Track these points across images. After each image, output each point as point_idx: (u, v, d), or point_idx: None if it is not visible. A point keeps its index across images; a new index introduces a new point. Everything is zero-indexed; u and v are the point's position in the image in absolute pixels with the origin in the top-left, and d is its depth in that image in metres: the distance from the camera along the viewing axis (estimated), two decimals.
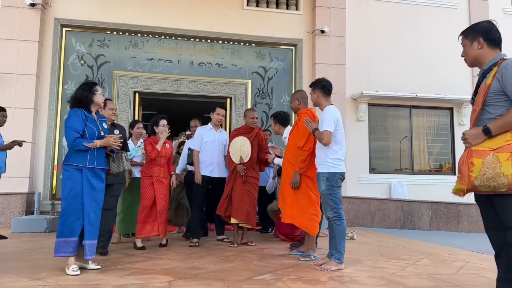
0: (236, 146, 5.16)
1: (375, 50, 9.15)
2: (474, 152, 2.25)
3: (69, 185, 3.44)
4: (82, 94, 3.61)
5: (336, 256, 3.70)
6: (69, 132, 3.48)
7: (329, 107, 3.95)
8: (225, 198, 5.13)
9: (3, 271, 3.45)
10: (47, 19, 7.85)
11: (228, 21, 8.55)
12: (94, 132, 3.60)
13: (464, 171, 2.26)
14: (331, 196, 3.77)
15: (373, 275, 3.45)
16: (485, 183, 2.17)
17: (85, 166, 3.49)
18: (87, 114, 3.62)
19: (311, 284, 3.09)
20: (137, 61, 8.24)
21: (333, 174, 3.79)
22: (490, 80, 2.30)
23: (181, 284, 3.05)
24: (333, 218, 3.76)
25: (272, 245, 5.24)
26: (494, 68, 2.31)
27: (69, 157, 3.52)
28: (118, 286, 2.98)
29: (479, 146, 2.25)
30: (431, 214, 8.49)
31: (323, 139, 3.79)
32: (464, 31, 2.55)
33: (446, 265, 4.03)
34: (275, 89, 8.81)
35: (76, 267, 3.36)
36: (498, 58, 2.35)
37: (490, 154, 2.18)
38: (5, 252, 4.48)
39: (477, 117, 2.35)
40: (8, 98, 7.24)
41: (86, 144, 3.47)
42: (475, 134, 2.28)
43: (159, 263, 3.88)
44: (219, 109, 5.40)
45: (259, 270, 3.61)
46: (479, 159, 2.20)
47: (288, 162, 4.48)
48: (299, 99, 4.63)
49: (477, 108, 2.34)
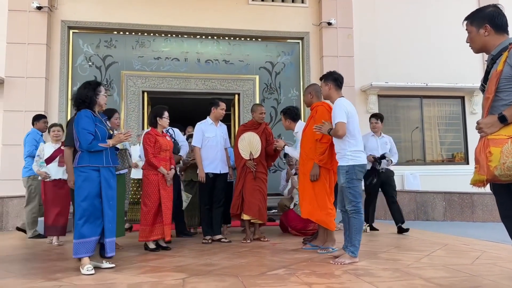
0: (244, 142, 5.14)
1: (383, 40, 9.05)
2: (491, 141, 2.18)
3: (88, 186, 3.45)
4: (87, 94, 3.59)
5: (351, 250, 3.67)
6: (83, 134, 3.47)
7: (340, 99, 3.92)
8: (238, 196, 5.12)
9: (19, 272, 3.50)
10: (54, 21, 7.90)
11: (233, 16, 8.52)
12: (105, 132, 3.61)
13: (482, 161, 2.19)
14: (350, 190, 3.74)
15: (387, 267, 3.41)
16: (506, 172, 2.09)
17: (103, 166, 3.51)
18: (95, 115, 3.63)
19: (326, 278, 3.07)
20: (145, 60, 8.26)
21: (353, 167, 3.75)
22: (502, 66, 2.23)
23: (195, 281, 3.05)
24: (351, 211, 3.73)
25: (284, 240, 5.22)
26: (504, 53, 2.25)
27: (83, 158, 3.50)
28: (132, 284, 2.99)
29: (496, 135, 2.18)
30: (445, 204, 8.39)
31: (338, 131, 3.76)
32: (469, 17, 2.47)
33: (462, 255, 3.97)
34: (283, 83, 8.77)
35: (90, 267, 3.38)
36: (507, 43, 2.28)
37: (509, 142, 2.12)
38: (21, 254, 4.54)
39: (490, 104, 2.29)
40: (18, 102, 7.34)
41: (102, 145, 3.49)
42: (490, 122, 2.21)
43: (173, 261, 3.88)
44: (222, 104, 5.28)
45: (273, 265, 3.60)
46: (497, 148, 2.14)
47: (306, 156, 4.45)
48: (311, 92, 4.61)
49: (490, 95, 2.28)
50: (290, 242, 5.00)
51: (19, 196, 6.93)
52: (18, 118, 7.24)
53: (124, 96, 8.06)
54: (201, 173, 5.07)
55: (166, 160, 4.65)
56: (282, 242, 5.05)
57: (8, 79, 7.42)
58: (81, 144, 3.49)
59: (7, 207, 7.06)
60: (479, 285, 2.81)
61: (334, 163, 4.27)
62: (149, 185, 4.53)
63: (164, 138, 4.70)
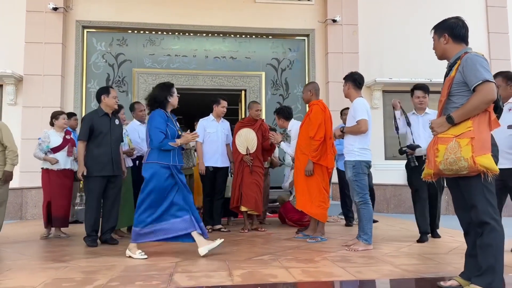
0: (241, 138, 5.41)
1: (388, 36, 9.17)
2: (439, 139, 2.45)
3: (156, 180, 3.66)
4: (162, 95, 3.82)
5: (364, 238, 3.99)
6: (156, 132, 3.69)
7: (359, 99, 4.20)
8: (237, 189, 5.36)
9: (32, 256, 3.91)
10: (69, 21, 8.30)
11: (240, 14, 8.77)
12: (175, 132, 3.84)
13: (430, 156, 2.47)
14: (357, 182, 4.08)
15: (365, 255, 3.68)
16: (448, 167, 2.37)
17: (171, 164, 3.74)
18: (167, 115, 3.86)
19: (304, 263, 3.36)
20: (155, 58, 8.60)
21: (359, 162, 4.09)
22: (454, 72, 2.49)
23: (186, 264, 3.39)
24: (359, 202, 4.07)
25: (280, 230, 5.52)
26: (458, 61, 2.49)
27: (153, 155, 3.73)
28: (129, 266, 3.35)
29: (444, 134, 2.45)
30: (447, 198, 8.51)
31: (361, 127, 4.04)
32: (434, 27, 2.73)
33: (442, 246, 4.19)
34: (289, 80, 9.00)
35: (142, 252, 3.69)
36: (462, 52, 2.52)
37: (453, 140, 2.38)
38: (36, 240, 4.97)
39: (443, 106, 2.54)
40: (36, 99, 7.78)
41: (171, 144, 3.75)
42: (440, 122, 2.48)
43: (172, 247, 4.22)
44: (223, 102, 5.56)
45: (261, 251, 3.90)
46: (443, 145, 2.41)
47: (300, 152, 4.74)
48: (311, 90, 4.88)
49: (442, 98, 2.54)
50: (285, 232, 5.29)
51: (37, 187, 7.39)
52: (36, 113, 7.69)
53: (136, 93, 8.43)
54: (201, 166, 5.39)
55: None
56: (278, 232, 5.34)
57: (26, 76, 7.87)
58: (152, 141, 3.71)
59: (26, 198, 7.54)
60: (442, 271, 3.07)
61: (328, 159, 4.57)
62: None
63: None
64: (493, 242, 2.33)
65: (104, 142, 4.46)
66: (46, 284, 2.81)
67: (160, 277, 2.94)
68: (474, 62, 2.38)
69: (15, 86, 7.90)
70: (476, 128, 2.35)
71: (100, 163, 4.40)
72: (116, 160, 4.54)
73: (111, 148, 4.49)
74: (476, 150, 2.29)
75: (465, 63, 2.42)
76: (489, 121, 2.38)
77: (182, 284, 2.77)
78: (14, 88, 7.90)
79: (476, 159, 2.28)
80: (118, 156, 4.60)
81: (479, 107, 2.35)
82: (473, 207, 2.41)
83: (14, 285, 2.79)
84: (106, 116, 4.55)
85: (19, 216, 7.46)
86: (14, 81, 7.83)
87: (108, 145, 4.47)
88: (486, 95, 2.32)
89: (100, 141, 4.45)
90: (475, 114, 2.37)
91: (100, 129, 4.45)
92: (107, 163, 4.43)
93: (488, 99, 2.33)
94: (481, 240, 2.37)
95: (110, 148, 4.48)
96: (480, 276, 2.34)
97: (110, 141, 4.50)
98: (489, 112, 2.38)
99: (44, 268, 3.30)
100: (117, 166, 4.55)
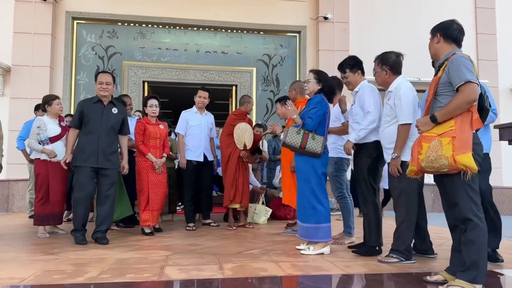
0: (239, 132, 5.19)
1: (379, 35, 9.24)
2: (423, 138, 2.53)
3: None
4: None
5: (347, 231, 4.16)
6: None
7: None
8: (232, 186, 5.13)
9: (21, 248, 3.89)
10: (58, 12, 8.20)
11: (233, 9, 8.75)
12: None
13: (414, 154, 2.55)
14: (337, 178, 4.25)
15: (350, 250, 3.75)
16: (430, 164, 2.44)
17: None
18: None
19: (293, 257, 3.41)
20: (146, 51, 8.55)
21: (341, 159, 4.25)
22: (441, 73, 2.56)
23: (177, 257, 3.41)
24: (338, 197, 4.22)
25: (270, 225, 5.56)
26: (445, 62, 2.55)
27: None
28: (120, 259, 3.35)
29: (428, 133, 2.53)
30: (433, 196, 8.69)
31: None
32: (432, 28, 2.78)
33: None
34: (280, 76, 9.03)
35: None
36: (450, 53, 2.58)
37: (436, 139, 2.45)
38: (23, 232, 4.96)
39: (429, 106, 2.61)
40: (24, 90, 7.68)
41: None
42: (424, 121, 2.57)
43: (162, 241, 4.24)
44: (201, 92, 5.37)
45: (251, 246, 3.94)
46: (426, 143, 2.48)
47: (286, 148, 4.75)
48: (296, 89, 4.92)
49: (429, 98, 2.62)
50: (275, 227, 5.33)
51: (24, 179, 7.32)
52: (24, 105, 7.59)
53: (126, 86, 8.38)
54: (182, 159, 5.19)
55: (157, 147, 4.75)
56: (267, 227, 5.39)
57: (14, 67, 7.76)
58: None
59: (13, 190, 7.46)
60: (425, 266, 3.16)
61: None
62: (142, 171, 4.66)
63: (155, 127, 4.78)
64: (476, 238, 2.40)
65: (93, 130, 4.14)
66: (37, 276, 2.81)
67: (151, 270, 2.96)
68: (459, 63, 2.45)
69: (2, 77, 7.78)
70: (458, 127, 2.42)
71: (84, 152, 4.09)
72: (104, 151, 4.12)
73: (99, 137, 4.13)
74: (456, 148, 2.36)
75: (451, 64, 2.49)
76: (471, 121, 2.44)
77: (173, 277, 2.79)
78: (1, 79, 7.77)
79: (456, 157, 2.34)
80: (108, 147, 4.17)
81: (461, 106, 2.42)
82: (456, 205, 2.49)
83: (3, 277, 2.79)
84: (99, 103, 4.24)
85: (6, 209, 7.40)
86: (1, 72, 7.71)
87: (97, 133, 4.13)
88: (468, 95, 2.40)
89: (89, 129, 4.15)
90: (457, 114, 2.44)
91: (89, 116, 4.15)
92: (92, 153, 4.08)
93: (470, 99, 2.41)
94: (465, 237, 2.44)
95: (98, 137, 4.12)
96: (464, 271, 2.42)
97: (100, 129, 4.15)
98: (472, 112, 2.45)
99: (33, 261, 3.29)
100: (105, 157, 4.13)
